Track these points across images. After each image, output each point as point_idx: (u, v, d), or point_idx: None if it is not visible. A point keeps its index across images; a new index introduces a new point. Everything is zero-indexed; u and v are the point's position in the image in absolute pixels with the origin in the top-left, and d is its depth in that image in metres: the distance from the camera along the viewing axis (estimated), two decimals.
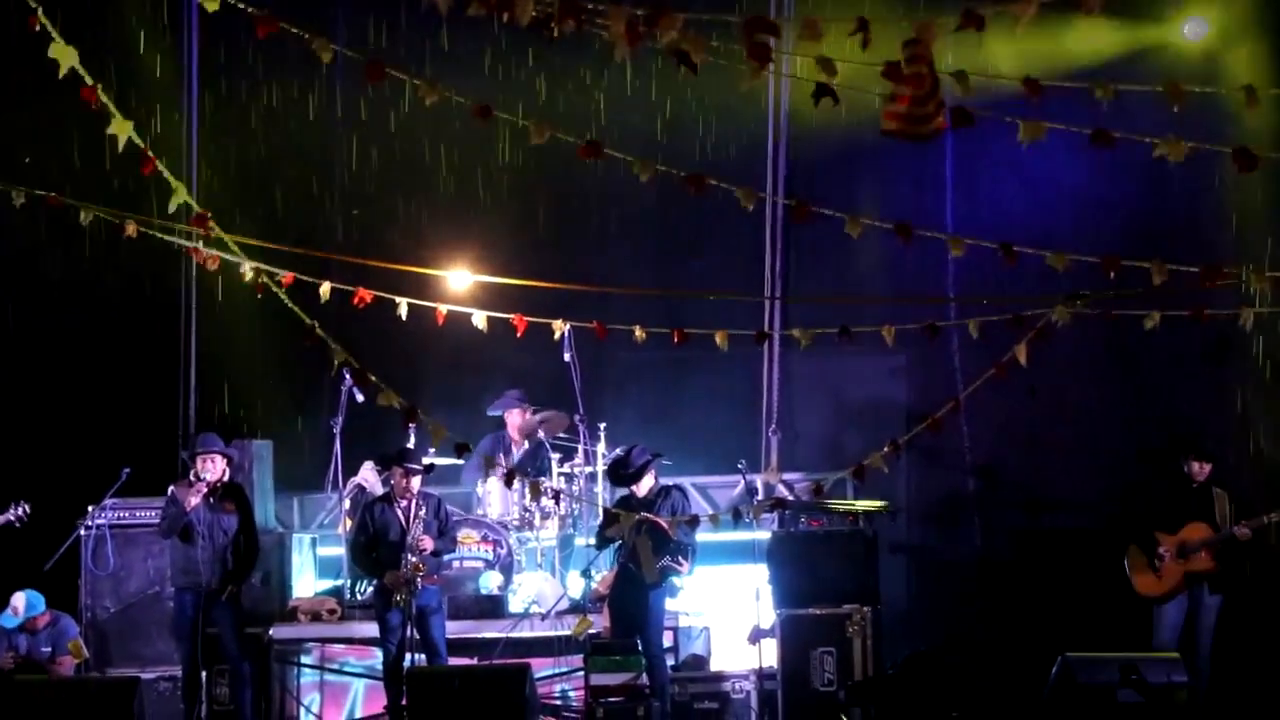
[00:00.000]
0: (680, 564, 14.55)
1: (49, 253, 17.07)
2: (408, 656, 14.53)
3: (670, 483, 15.05)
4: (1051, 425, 16.77)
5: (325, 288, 12.14)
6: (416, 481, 14.85)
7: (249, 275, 11.64)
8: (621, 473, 14.90)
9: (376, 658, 15.08)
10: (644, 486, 14.77)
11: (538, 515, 16.19)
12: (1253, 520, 14.33)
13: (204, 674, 14.77)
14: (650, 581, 14.45)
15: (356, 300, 12.05)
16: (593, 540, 15.25)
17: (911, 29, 8.04)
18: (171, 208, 10.96)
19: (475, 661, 15.22)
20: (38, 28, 9.76)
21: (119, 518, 16.09)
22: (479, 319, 12.42)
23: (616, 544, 14.76)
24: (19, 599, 15.47)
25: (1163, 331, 12.02)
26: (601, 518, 15.03)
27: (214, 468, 14.78)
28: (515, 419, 16.91)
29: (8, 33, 13.88)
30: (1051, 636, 14.39)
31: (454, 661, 14.89)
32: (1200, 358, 16.21)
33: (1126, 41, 15.80)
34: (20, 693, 14.21)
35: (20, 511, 15.02)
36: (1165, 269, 10.71)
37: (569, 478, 16.46)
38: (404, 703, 14.24)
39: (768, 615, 14.96)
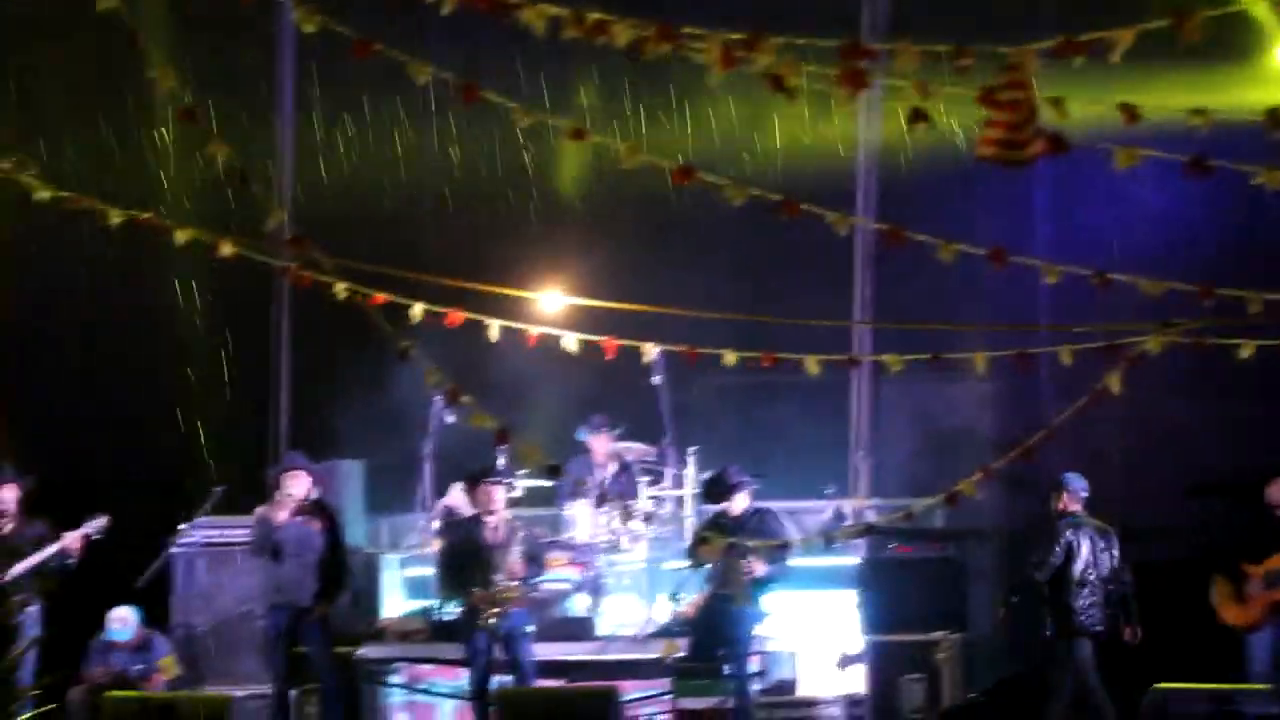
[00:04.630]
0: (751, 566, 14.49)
1: (144, 274, 17.22)
2: (495, 678, 14.59)
3: (763, 505, 15.07)
4: (1144, 453, 16.68)
5: (417, 309, 12.16)
6: (500, 496, 14.91)
7: (342, 295, 11.67)
8: (714, 490, 14.94)
9: (464, 678, 15.11)
10: (737, 505, 14.79)
11: (626, 538, 16.23)
12: None
13: (294, 693, 14.88)
14: (743, 602, 14.44)
15: (448, 321, 12.07)
16: (680, 563, 15.30)
17: (1009, 55, 8.02)
18: (267, 228, 11.03)
19: (563, 683, 15.25)
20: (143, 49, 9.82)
21: (211, 536, 16.22)
22: (570, 341, 12.44)
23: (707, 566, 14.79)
24: (126, 612, 15.60)
25: (1258, 358, 11.92)
26: (691, 541, 15.06)
27: (299, 485, 14.87)
28: (599, 444, 16.96)
29: (106, 55, 14.03)
30: (1145, 666, 14.31)
31: (542, 683, 14.92)
32: None
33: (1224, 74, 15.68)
34: (113, 710, 14.32)
35: (99, 524, 15.10)
36: (1261, 298, 10.61)
37: (657, 501, 16.50)
38: None
39: (856, 641, 14.93)
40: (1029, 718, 14.48)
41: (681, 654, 14.77)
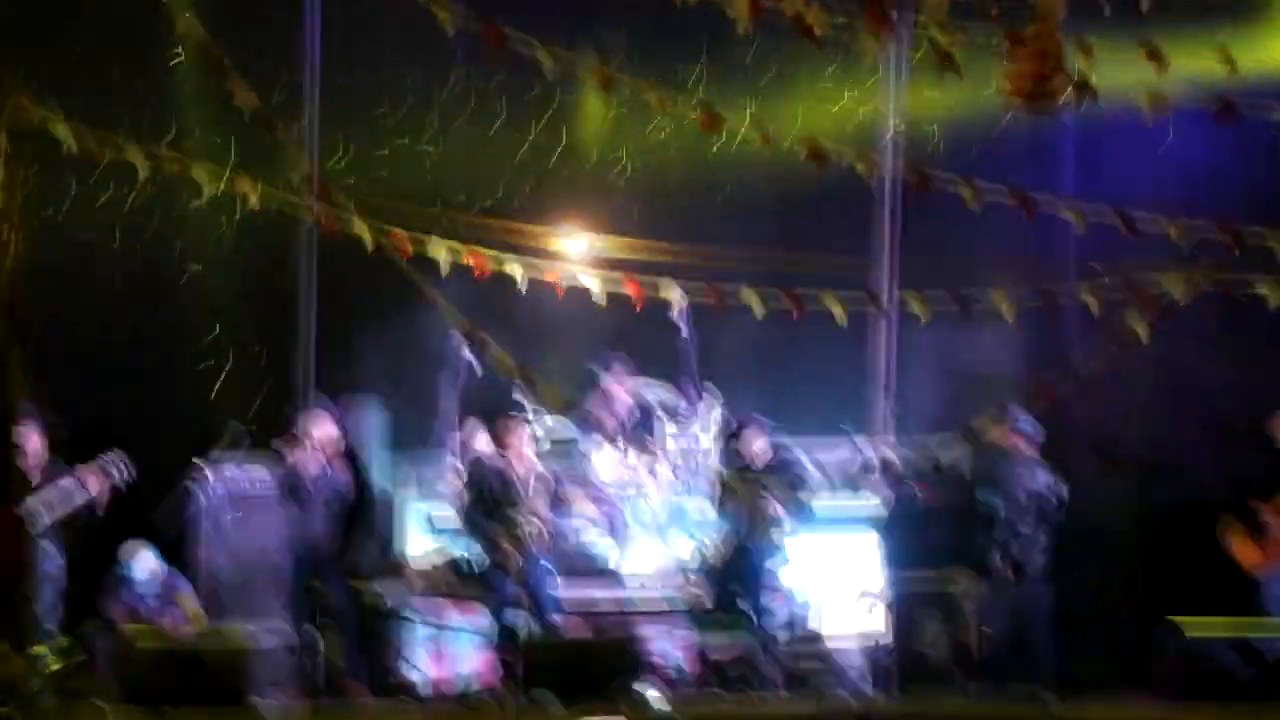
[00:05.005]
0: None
1: (170, 218, 17.25)
2: (516, 618, 14.65)
3: (786, 452, 15.09)
4: (1167, 397, 16.67)
5: (443, 251, 12.17)
6: (524, 434, 14.97)
7: (368, 239, 11.67)
8: (730, 441, 14.99)
9: (486, 618, 15.17)
10: (759, 458, 14.81)
11: (648, 479, 16.26)
12: None
13: (316, 632, 14.93)
14: (765, 545, 14.51)
15: (475, 266, 12.08)
16: (702, 503, 15.35)
17: (1036, 1, 8.03)
18: (293, 175, 11.06)
19: (584, 624, 15.30)
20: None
21: (234, 478, 16.24)
22: (594, 284, 12.45)
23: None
24: (147, 555, 15.60)
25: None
26: (719, 491, 15.10)
27: (325, 431, 14.93)
28: (615, 383, 16.96)
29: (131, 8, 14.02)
30: (1165, 608, 14.34)
31: (563, 624, 14.98)
32: None
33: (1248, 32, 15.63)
34: (135, 650, 14.37)
35: (116, 459, 14.95)
36: None
37: (679, 440, 16.51)
38: (515, 665, 14.36)
39: (878, 581, 14.97)
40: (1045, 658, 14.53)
41: (703, 596, 14.83)
